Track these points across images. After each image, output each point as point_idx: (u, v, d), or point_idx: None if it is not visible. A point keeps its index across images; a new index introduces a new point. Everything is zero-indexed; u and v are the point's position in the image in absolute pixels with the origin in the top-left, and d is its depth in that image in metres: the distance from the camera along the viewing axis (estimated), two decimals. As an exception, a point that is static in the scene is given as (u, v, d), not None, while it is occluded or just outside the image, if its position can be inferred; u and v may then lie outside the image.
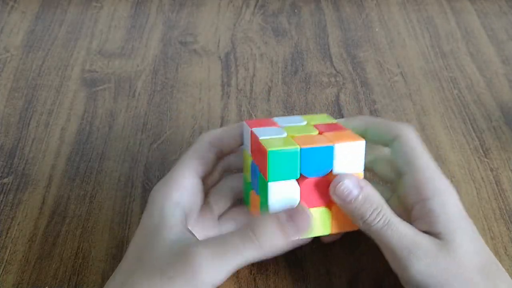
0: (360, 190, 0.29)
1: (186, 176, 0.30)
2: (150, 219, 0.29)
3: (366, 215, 0.29)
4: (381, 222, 0.29)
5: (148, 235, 0.28)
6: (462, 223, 0.29)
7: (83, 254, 0.35)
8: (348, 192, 0.29)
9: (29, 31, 0.52)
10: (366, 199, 0.29)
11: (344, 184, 0.29)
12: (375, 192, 0.30)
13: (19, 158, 0.41)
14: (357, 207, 0.29)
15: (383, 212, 0.29)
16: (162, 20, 0.54)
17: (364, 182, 0.30)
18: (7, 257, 0.35)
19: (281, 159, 0.27)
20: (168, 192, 0.30)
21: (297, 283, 0.34)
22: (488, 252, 0.29)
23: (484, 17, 0.57)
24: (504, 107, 0.47)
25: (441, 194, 0.29)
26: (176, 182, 0.30)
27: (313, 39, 0.53)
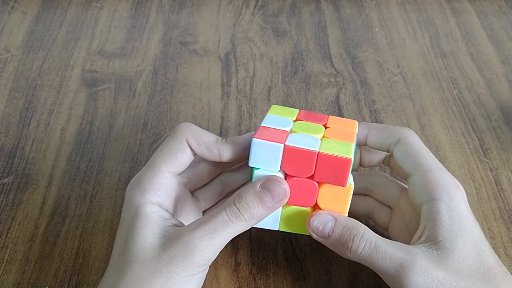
0: (334, 221, 0.29)
1: (159, 175, 0.30)
2: (131, 218, 0.29)
3: (349, 244, 0.28)
4: (367, 246, 0.28)
5: (132, 232, 0.28)
6: (467, 227, 0.29)
7: (83, 254, 0.35)
8: (322, 226, 0.29)
9: (30, 31, 0.52)
10: (343, 228, 0.29)
11: (315, 220, 0.29)
12: (352, 220, 0.29)
13: (20, 158, 0.41)
14: (337, 238, 0.29)
15: (366, 236, 0.28)
16: (162, 20, 0.54)
17: (337, 214, 0.29)
18: (7, 256, 0.35)
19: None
20: (143, 193, 0.29)
21: (297, 283, 0.34)
22: (492, 255, 0.29)
23: (484, 17, 0.57)
24: (503, 107, 0.47)
25: (450, 196, 0.29)
26: (149, 182, 0.30)
27: (313, 39, 0.53)
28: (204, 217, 0.28)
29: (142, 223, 0.28)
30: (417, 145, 0.32)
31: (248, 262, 0.35)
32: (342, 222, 0.29)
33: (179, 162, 0.31)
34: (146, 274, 0.27)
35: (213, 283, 0.34)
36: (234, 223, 0.28)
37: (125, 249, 0.28)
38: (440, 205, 0.29)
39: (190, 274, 0.27)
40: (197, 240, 0.27)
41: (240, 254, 0.35)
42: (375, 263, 0.28)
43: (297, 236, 0.36)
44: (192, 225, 0.28)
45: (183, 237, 0.27)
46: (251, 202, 0.28)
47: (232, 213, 0.28)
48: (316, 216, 0.29)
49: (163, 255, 0.27)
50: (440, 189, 0.29)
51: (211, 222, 0.27)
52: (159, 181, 0.30)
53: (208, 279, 0.34)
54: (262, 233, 0.36)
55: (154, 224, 0.28)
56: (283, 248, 0.36)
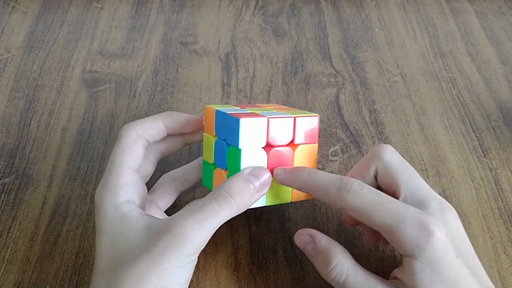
0: (313, 245, 0.31)
1: (124, 175, 0.31)
2: (109, 222, 0.29)
3: (322, 271, 0.30)
4: (338, 276, 0.29)
5: (117, 235, 0.28)
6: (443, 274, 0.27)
7: (83, 253, 0.35)
8: (303, 246, 0.32)
9: (30, 32, 0.53)
10: (319, 254, 0.31)
11: (298, 239, 0.32)
12: (331, 246, 0.30)
13: (20, 158, 0.41)
14: (314, 260, 0.31)
15: (339, 267, 0.29)
16: (163, 20, 0.55)
17: (321, 236, 0.31)
18: (8, 256, 0.35)
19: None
20: (114, 195, 0.30)
21: (297, 282, 0.34)
22: None
23: (483, 17, 0.57)
24: (503, 107, 0.47)
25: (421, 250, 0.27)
26: (117, 182, 0.30)
27: (313, 39, 0.53)
28: (192, 206, 0.29)
29: (125, 224, 0.28)
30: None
31: (248, 262, 0.35)
32: (320, 249, 0.31)
33: (135, 154, 0.32)
34: (141, 272, 0.27)
35: (213, 282, 0.34)
36: (224, 209, 0.28)
37: (114, 254, 0.28)
38: (412, 261, 0.27)
39: (183, 264, 0.27)
40: (188, 230, 0.27)
41: (240, 254, 0.35)
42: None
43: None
44: (181, 215, 0.28)
45: (173, 228, 0.27)
46: (241, 187, 0.29)
47: (223, 200, 0.28)
48: (298, 236, 0.32)
49: (154, 249, 0.27)
50: (408, 245, 0.27)
51: (201, 211, 0.28)
52: (124, 178, 0.31)
53: (208, 279, 0.34)
54: (262, 233, 0.37)
55: (136, 221, 0.29)
56: (283, 248, 0.36)
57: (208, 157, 0.34)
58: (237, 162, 0.31)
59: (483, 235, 0.37)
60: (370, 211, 0.28)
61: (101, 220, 0.30)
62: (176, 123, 0.34)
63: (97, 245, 0.29)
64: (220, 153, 0.33)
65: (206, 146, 0.34)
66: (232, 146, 0.31)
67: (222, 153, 0.32)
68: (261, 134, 0.31)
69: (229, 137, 0.32)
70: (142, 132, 0.32)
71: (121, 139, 0.32)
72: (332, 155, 0.42)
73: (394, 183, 0.31)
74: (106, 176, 0.31)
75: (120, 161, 0.31)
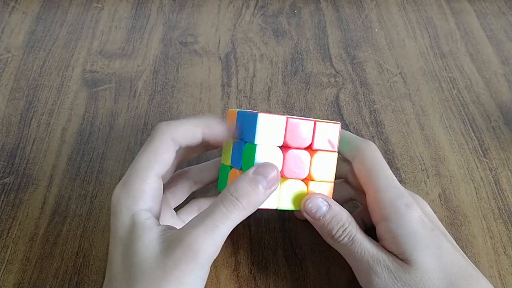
0: (327, 208, 0.31)
1: (148, 181, 0.29)
2: (124, 229, 0.28)
3: (333, 231, 0.31)
4: (346, 238, 0.30)
5: (130, 243, 0.28)
6: (423, 240, 0.29)
7: (84, 253, 0.35)
8: (315, 209, 0.31)
9: (30, 32, 0.53)
10: (333, 217, 0.31)
11: (311, 202, 0.31)
12: (343, 210, 0.31)
13: (20, 158, 0.41)
14: (325, 224, 0.31)
15: (349, 229, 0.30)
16: (163, 20, 0.55)
17: (332, 201, 0.31)
18: (8, 256, 0.35)
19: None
20: (134, 201, 0.29)
21: (297, 282, 0.34)
22: (458, 265, 0.29)
23: (483, 17, 0.57)
24: (503, 107, 0.47)
25: (400, 214, 0.30)
26: (139, 189, 0.29)
27: (312, 39, 0.53)
28: (200, 214, 0.28)
29: (140, 233, 0.28)
30: (369, 163, 0.32)
31: (248, 262, 0.35)
32: (333, 211, 0.31)
33: (165, 163, 0.30)
34: (155, 285, 0.26)
35: (213, 283, 0.34)
36: (232, 213, 0.27)
37: (127, 263, 0.27)
38: (389, 225, 0.30)
39: (196, 275, 0.27)
40: (199, 239, 0.26)
41: (240, 254, 0.35)
42: (347, 254, 0.31)
43: (297, 236, 0.37)
44: (191, 225, 0.28)
45: (185, 239, 0.27)
46: (247, 189, 0.28)
47: (230, 203, 0.27)
48: (312, 199, 0.31)
49: (168, 261, 0.26)
50: (387, 209, 0.30)
51: (210, 217, 0.27)
52: (148, 186, 0.29)
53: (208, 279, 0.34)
54: (262, 233, 0.37)
55: (151, 231, 0.28)
56: (283, 248, 0.36)
57: (226, 159, 0.34)
58: (251, 159, 0.30)
59: (483, 235, 0.37)
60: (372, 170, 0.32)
61: (116, 223, 0.29)
62: (215, 135, 0.32)
63: (111, 247, 0.29)
64: (237, 153, 0.32)
65: (226, 149, 0.34)
66: (248, 143, 0.31)
67: (239, 152, 0.32)
68: (278, 132, 0.30)
69: (246, 134, 0.31)
70: (178, 138, 0.31)
71: (154, 140, 0.30)
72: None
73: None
74: (129, 178, 0.30)
75: (148, 166, 0.30)
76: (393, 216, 0.30)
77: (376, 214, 0.31)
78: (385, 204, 0.30)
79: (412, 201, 0.30)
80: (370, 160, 0.32)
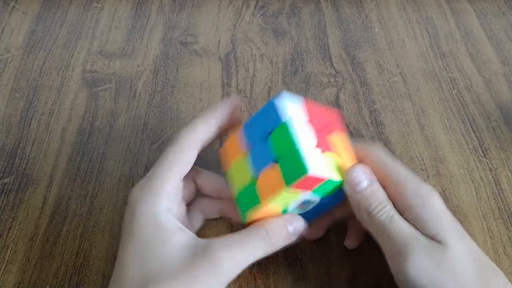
0: (369, 182, 0.31)
1: (171, 182, 0.30)
2: (146, 230, 0.28)
3: (372, 207, 0.30)
4: (385, 215, 0.30)
5: (150, 245, 0.27)
6: (451, 225, 0.30)
7: (84, 253, 0.35)
8: (358, 181, 0.31)
9: (30, 32, 0.53)
10: (373, 192, 0.30)
11: (356, 172, 0.31)
12: (382, 190, 0.31)
13: (20, 158, 0.41)
14: (364, 198, 0.30)
15: (388, 207, 0.30)
16: (163, 20, 0.54)
17: (374, 177, 0.31)
18: (8, 256, 0.35)
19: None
20: (156, 201, 0.29)
21: (297, 282, 0.34)
22: (481, 253, 0.29)
23: (483, 17, 0.57)
24: (503, 107, 0.47)
25: (425, 200, 0.30)
26: (161, 188, 0.29)
27: (312, 39, 0.53)
28: (234, 237, 0.29)
29: (163, 236, 0.27)
30: (381, 159, 0.32)
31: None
32: (374, 187, 0.31)
33: (188, 162, 0.31)
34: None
35: (213, 282, 0.34)
36: (262, 248, 0.29)
37: (147, 265, 0.27)
38: (417, 211, 0.30)
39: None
40: (227, 261, 0.27)
41: (240, 253, 0.35)
42: (385, 231, 0.30)
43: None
44: (223, 244, 0.28)
45: (214, 254, 0.27)
46: (280, 231, 0.30)
47: (262, 239, 0.29)
48: (356, 169, 0.31)
49: (192, 271, 0.26)
50: (411, 197, 0.30)
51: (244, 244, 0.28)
52: (170, 186, 0.29)
53: (208, 279, 0.34)
54: (262, 233, 0.36)
55: (175, 236, 0.28)
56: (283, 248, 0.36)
57: (242, 182, 0.31)
58: (287, 136, 0.29)
59: (483, 235, 0.37)
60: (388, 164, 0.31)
61: (135, 222, 0.28)
62: (227, 120, 0.32)
63: (125, 247, 0.28)
64: (260, 155, 0.30)
65: (236, 175, 0.31)
66: (275, 131, 0.30)
67: (263, 151, 0.30)
68: (300, 110, 0.30)
69: (268, 125, 0.30)
70: (198, 137, 0.31)
71: (176, 144, 0.31)
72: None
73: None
74: (151, 178, 0.30)
75: (171, 166, 0.30)
76: (419, 203, 0.30)
77: (400, 204, 0.31)
78: (408, 194, 0.30)
79: (432, 189, 0.31)
80: (383, 156, 0.32)
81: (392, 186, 0.31)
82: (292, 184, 0.28)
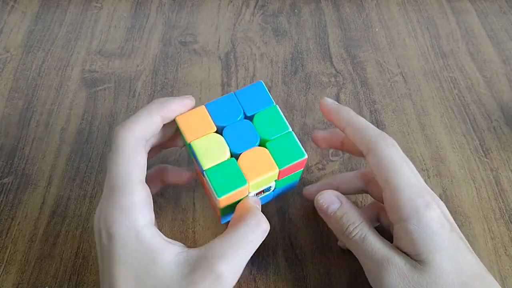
0: (339, 204, 0.31)
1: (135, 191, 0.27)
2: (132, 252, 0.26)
3: (344, 228, 0.31)
4: (357, 236, 0.30)
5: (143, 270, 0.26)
6: (441, 241, 0.28)
7: (83, 254, 0.35)
8: (327, 205, 0.32)
9: (29, 31, 0.52)
10: (344, 213, 0.31)
11: (323, 198, 0.32)
12: (354, 209, 0.31)
13: (19, 158, 0.41)
14: (336, 221, 0.31)
15: (360, 227, 0.30)
16: (162, 20, 0.54)
17: (345, 199, 0.32)
18: (7, 257, 0.35)
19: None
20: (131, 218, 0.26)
21: (297, 283, 0.34)
22: (472, 267, 0.29)
23: (484, 17, 0.57)
24: (504, 107, 0.47)
25: (420, 215, 0.29)
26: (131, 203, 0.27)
27: (313, 39, 0.53)
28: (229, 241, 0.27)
29: (150, 255, 0.26)
30: (386, 159, 0.30)
31: (248, 263, 0.35)
32: (344, 208, 0.31)
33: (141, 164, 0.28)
34: None
35: (213, 283, 0.33)
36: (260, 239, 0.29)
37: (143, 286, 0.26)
38: (408, 226, 0.29)
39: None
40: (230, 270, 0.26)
41: (240, 254, 0.35)
42: (359, 252, 0.30)
43: (297, 236, 0.36)
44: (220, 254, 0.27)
45: (214, 268, 0.26)
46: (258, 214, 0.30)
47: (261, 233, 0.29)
48: (324, 195, 0.32)
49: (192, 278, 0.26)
50: (406, 209, 0.29)
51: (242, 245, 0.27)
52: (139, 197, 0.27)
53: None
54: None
55: (164, 253, 0.26)
56: (283, 248, 0.36)
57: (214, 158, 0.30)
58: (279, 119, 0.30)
59: (484, 236, 0.37)
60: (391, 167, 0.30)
61: (119, 248, 0.26)
62: (172, 111, 0.30)
63: (115, 275, 0.26)
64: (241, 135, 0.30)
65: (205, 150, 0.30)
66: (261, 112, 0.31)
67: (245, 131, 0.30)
68: None
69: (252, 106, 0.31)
70: (141, 134, 0.29)
71: (121, 147, 0.28)
72: (332, 155, 0.42)
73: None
74: (115, 194, 0.27)
75: (128, 175, 0.27)
76: (412, 217, 0.29)
77: (393, 213, 0.30)
78: (404, 204, 0.29)
79: (431, 200, 0.29)
80: (387, 156, 0.30)
81: (390, 192, 0.30)
82: (285, 167, 0.29)
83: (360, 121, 0.32)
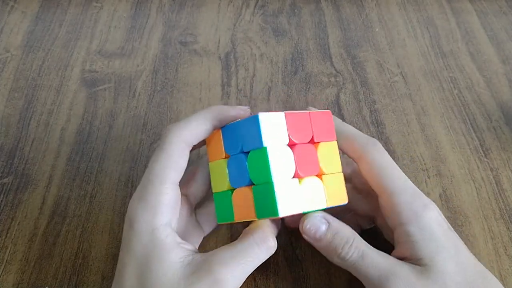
0: (327, 225, 0.29)
1: (166, 191, 0.28)
2: (142, 246, 0.27)
3: (339, 249, 0.29)
4: (355, 254, 0.28)
5: (148, 264, 0.27)
6: (442, 242, 0.28)
7: (83, 254, 0.35)
8: (315, 229, 0.29)
9: (29, 31, 0.52)
10: (335, 234, 0.29)
11: (309, 222, 0.29)
12: (344, 226, 0.30)
13: (19, 158, 0.41)
14: (327, 243, 0.29)
15: (355, 244, 0.29)
16: (162, 20, 0.54)
17: (331, 217, 0.30)
18: (7, 257, 0.35)
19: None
20: (154, 216, 0.28)
21: (297, 283, 0.34)
22: (473, 265, 0.28)
23: (484, 17, 0.57)
24: (504, 107, 0.47)
25: (419, 217, 0.28)
26: (158, 201, 0.28)
27: (313, 39, 0.53)
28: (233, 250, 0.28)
29: (159, 253, 0.27)
30: (378, 164, 0.30)
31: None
32: (334, 228, 0.29)
33: (181, 167, 0.29)
34: None
35: (213, 283, 0.33)
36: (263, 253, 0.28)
37: (141, 283, 0.26)
38: (409, 228, 0.28)
39: None
40: (229, 275, 0.26)
41: (240, 254, 0.35)
42: (360, 271, 0.29)
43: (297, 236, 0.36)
44: (221, 260, 0.27)
45: (214, 272, 0.26)
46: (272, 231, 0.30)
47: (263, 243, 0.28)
48: (310, 219, 0.29)
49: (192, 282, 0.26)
50: (405, 212, 0.29)
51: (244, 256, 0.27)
52: (167, 197, 0.28)
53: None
54: (262, 233, 0.36)
55: (172, 252, 0.27)
56: (283, 248, 0.36)
57: (219, 186, 0.31)
58: (265, 164, 0.27)
59: (484, 236, 0.37)
60: (384, 172, 0.30)
61: (133, 238, 0.27)
62: (225, 121, 0.30)
63: (123, 263, 0.27)
64: (237, 170, 0.29)
65: (216, 175, 0.31)
66: (253, 151, 0.28)
67: (240, 168, 0.29)
68: (281, 129, 0.28)
69: (247, 141, 0.29)
70: (191, 140, 0.29)
71: (168, 146, 0.29)
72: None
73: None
74: (146, 188, 0.28)
75: (164, 175, 0.28)
76: (412, 219, 0.28)
77: (392, 218, 0.29)
78: (403, 208, 0.29)
79: (429, 201, 0.29)
80: (380, 161, 0.30)
81: (386, 197, 0.30)
82: (263, 218, 0.29)
83: (349, 129, 0.32)
